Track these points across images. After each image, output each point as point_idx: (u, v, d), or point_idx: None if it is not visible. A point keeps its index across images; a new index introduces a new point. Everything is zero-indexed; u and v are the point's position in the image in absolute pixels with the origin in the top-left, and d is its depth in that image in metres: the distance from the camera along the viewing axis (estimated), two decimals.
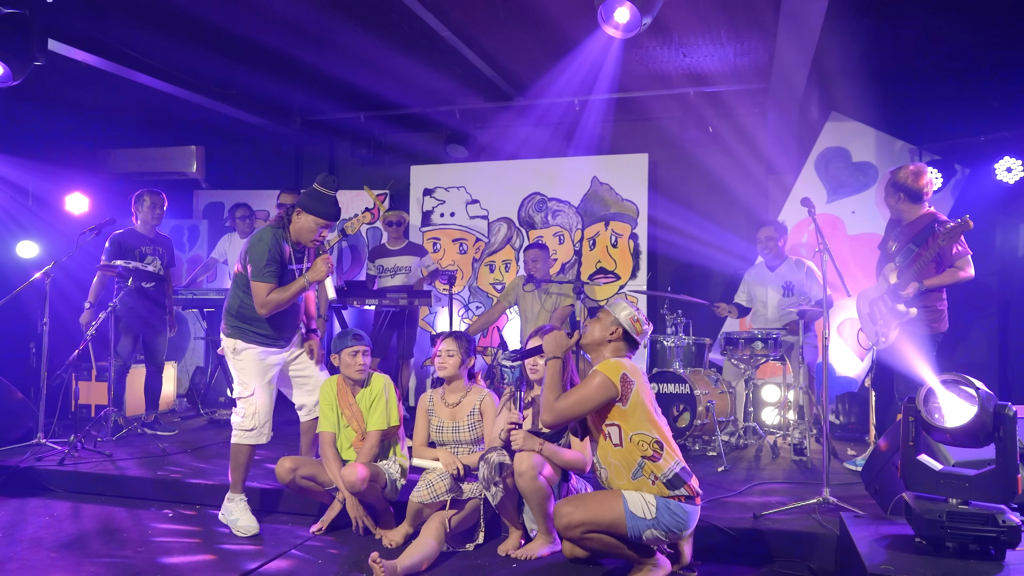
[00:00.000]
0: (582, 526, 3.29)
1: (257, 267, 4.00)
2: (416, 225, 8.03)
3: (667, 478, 3.28)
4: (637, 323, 3.46)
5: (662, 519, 3.25)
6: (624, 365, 3.34)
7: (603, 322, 3.49)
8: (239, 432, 4.12)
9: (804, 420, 5.52)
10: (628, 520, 3.25)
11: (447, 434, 4.12)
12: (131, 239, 6.03)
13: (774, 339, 5.61)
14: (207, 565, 3.62)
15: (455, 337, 4.20)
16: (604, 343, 3.46)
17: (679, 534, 3.31)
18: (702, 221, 7.32)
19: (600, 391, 3.30)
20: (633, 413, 3.30)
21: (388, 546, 3.91)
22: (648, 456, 3.29)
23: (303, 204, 4.10)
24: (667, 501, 3.26)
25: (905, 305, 4.65)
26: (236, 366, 4.17)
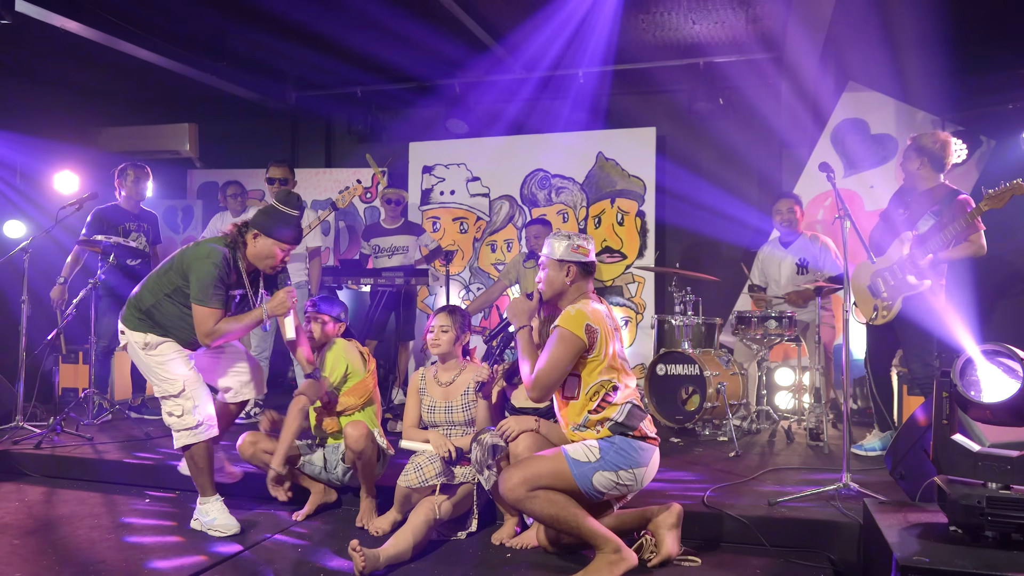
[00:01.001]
0: (524, 484, 3.01)
1: (201, 288, 3.53)
2: (415, 204, 7.75)
3: (609, 426, 3.09)
4: (579, 248, 3.27)
5: (608, 457, 3.04)
6: (586, 313, 3.13)
7: (551, 269, 3.30)
8: (185, 433, 3.60)
9: (820, 404, 5.22)
10: (572, 468, 3.03)
11: (439, 415, 3.84)
12: (114, 214, 5.78)
13: (788, 318, 5.31)
14: (180, 551, 3.37)
15: (449, 311, 3.92)
16: (566, 288, 3.28)
17: (632, 474, 3.06)
18: (712, 197, 6.99)
19: (570, 347, 3.09)
20: (597, 361, 3.13)
21: (374, 534, 3.65)
22: (593, 409, 3.12)
23: (260, 225, 3.64)
24: (610, 439, 3.06)
25: (917, 277, 4.37)
26: (152, 362, 3.65)
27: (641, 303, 7.12)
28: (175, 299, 3.63)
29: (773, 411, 5.61)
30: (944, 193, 4.47)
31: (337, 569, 3.17)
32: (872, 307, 4.56)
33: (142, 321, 3.65)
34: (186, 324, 3.63)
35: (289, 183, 5.90)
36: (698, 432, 5.37)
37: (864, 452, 4.69)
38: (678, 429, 5.36)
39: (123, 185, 5.83)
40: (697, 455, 4.85)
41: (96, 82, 7.74)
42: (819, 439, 5.07)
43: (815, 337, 5.27)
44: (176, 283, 3.62)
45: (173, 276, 3.63)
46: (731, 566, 3.25)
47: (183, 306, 3.62)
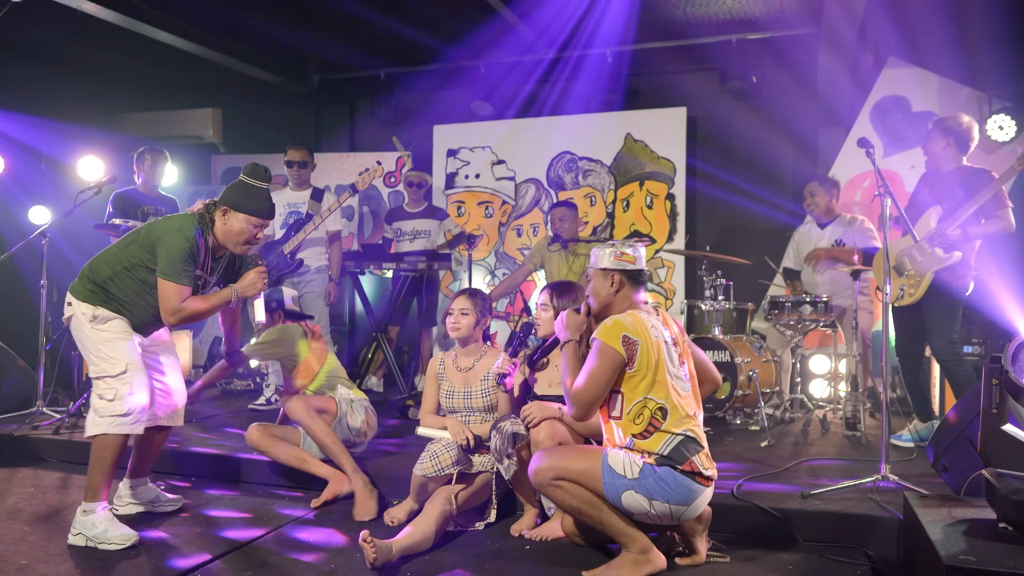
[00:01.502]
0: (551, 470, 2.87)
1: (171, 263, 3.26)
2: (440, 188, 7.62)
3: (659, 455, 2.81)
4: (624, 255, 3.03)
5: (646, 482, 2.79)
6: (624, 323, 2.89)
7: (596, 280, 3.08)
8: (109, 419, 3.24)
9: (857, 392, 5.00)
10: (604, 475, 2.83)
11: (458, 400, 3.71)
12: (133, 198, 5.72)
13: (824, 303, 5.09)
14: (190, 539, 3.28)
15: (469, 294, 3.78)
16: (612, 299, 3.05)
17: (668, 509, 2.80)
18: (745, 179, 6.77)
19: (607, 361, 2.86)
20: (640, 376, 2.87)
21: (389, 523, 3.53)
22: (638, 433, 2.85)
23: (230, 201, 3.39)
24: (656, 468, 2.80)
25: (946, 250, 4.22)
26: (97, 337, 3.32)
27: (671, 288, 6.92)
28: (134, 274, 3.34)
29: (807, 400, 5.40)
30: (969, 171, 4.39)
31: (349, 560, 3.06)
32: (897, 287, 4.37)
33: (94, 293, 3.35)
34: (142, 302, 3.37)
35: (308, 166, 5.80)
36: (728, 421, 5.19)
37: (903, 443, 4.48)
38: (708, 418, 5.17)
39: (141, 169, 5.76)
40: (727, 445, 4.67)
41: (120, 67, 7.70)
42: (856, 429, 4.86)
43: (852, 323, 5.04)
44: (139, 256, 3.32)
45: (136, 249, 3.34)
46: (762, 562, 3.08)
47: (141, 282, 3.35)
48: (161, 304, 3.30)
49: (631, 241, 3.10)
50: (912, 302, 4.37)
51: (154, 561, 3.03)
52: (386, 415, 5.57)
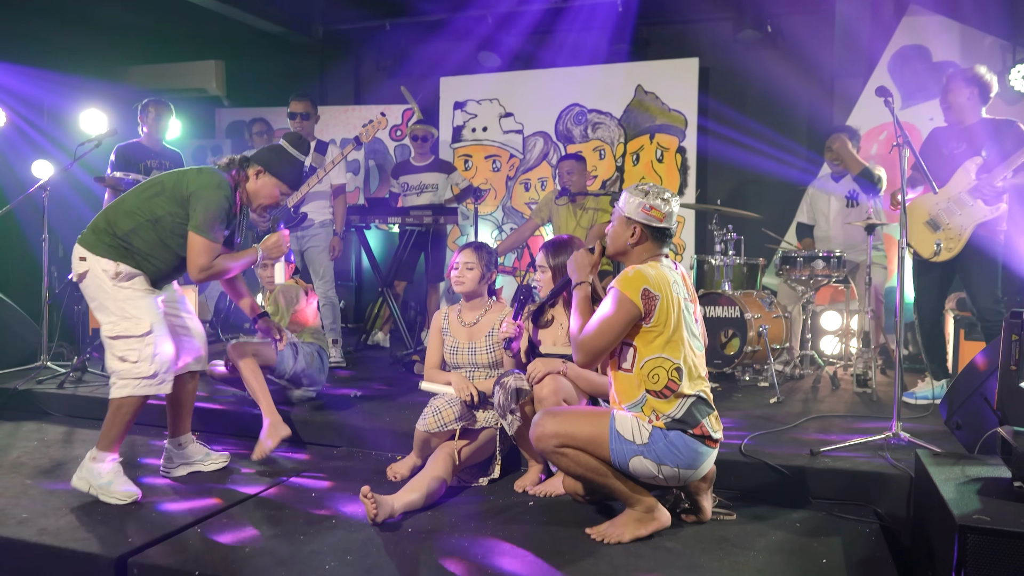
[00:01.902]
0: (556, 438, 2.77)
1: (207, 219, 3.20)
2: (446, 141, 7.49)
3: (671, 418, 2.74)
4: (654, 210, 2.82)
5: (655, 447, 2.71)
6: (646, 276, 2.75)
7: (618, 224, 2.91)
8: (133, 381, 3.15)
9: (869, 349, 4.91)
10: (612, 440, 2.74)
11: (462, 356, 3.65)
12: (136, 152, 5.63)
13: (837, 258, 4.99)
14: (193, 493, 3.26)
15: (474, 248, 3.70)
16: (629, 249, 2.90)
17: (677, 472, 2.74)
18: (758, 132, 6.61)
19: (622, 312, 2.73)
20: (656, 332, 2.75)
21: (392, 479, 3.50)
22: (655, 391, 2.75)
23: (267, 163, 3.39)
24: (666, 432, 2.73)
25: (988, 202, 4.10)
26: (120, 295, 3.19)
27: (680, 243, 6.81)
28: (159, 227, 3.23)
29: (818, 356, 5.32)
30: (998, 123, 4.26)
31: (351, 515, 3.03)
32: (934, 242, 4.22)
33: (114, 248, 3.21)
34: (164, 255, 3.27)
35: (311, 118, 5.68)
36: (737, 377, 5.12)
37: (915, 400, 4.40)
38: (716, 374, 5.11)
39: (145, 122, 5.66)
40: (736, 401, 4.61)
41: (123, 19, 7.55)
42: (867, 386, 4.79)
43: (865, 278, 4.94)
44: (168, 209, 3.22)
45: (164, 202, 3.23)
46: (769, 519, 3.03)
47: (168, 234, 3.24)
48: (190, 259, 3.23)
49: (667, 192, 2.88)
50: (949, 258, 4.23)
51: (153, 515, 3.01)
52: (392, 370, 5.54)
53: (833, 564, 2.61)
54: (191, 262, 3.23)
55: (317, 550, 2.69)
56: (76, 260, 3.27)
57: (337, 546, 2.72)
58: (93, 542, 2.73)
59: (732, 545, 2.77)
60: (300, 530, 2.88)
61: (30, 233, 5.89)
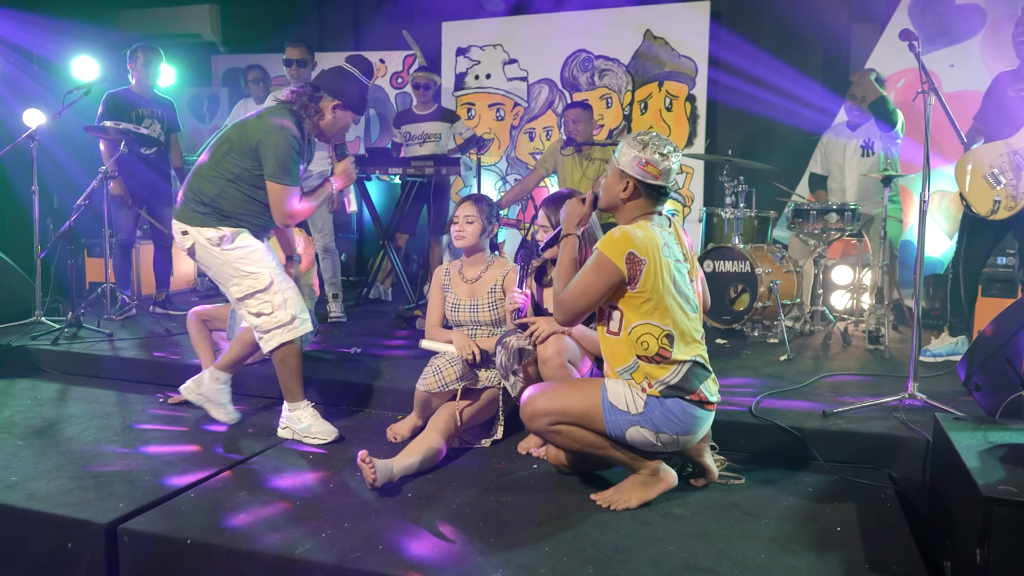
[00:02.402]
0: (548, 415, 2.65)
1: (281, 164, 3.19)
2: (449, 89, 7.27)
3: (666, 384, 2.61)
4: (650, 165, 2.62)
5: (652, 415, 2.60)
6: (633, 238, 2.57)
7: (612, 175, 2.71)
8: (279, 331, 3.25)
9: (883, 305, 4.77)
10: (606, 412, 2.62)
11: (463, 313, 3.53)
12: (126, 99, 5.45)
13: (851, 211, 4.82)
14: (187, 457, 3.17)
15: (474, 200, 3.55)
16: (620, 204, 2.72)
17: (675, 439, 2.64)
18: (771, 80, 6.36)
19: (604, 276, 2.58)
20: (642, 298, 2.60)
21: (392, 439, 3.41)
22: (647, 357, 2.62)
23: (343, 96, 3.32)
24: (662, 399, 2.61)
25: None
26: (231, 257, 3.26)
27: (689, 195, 6.64)
28: (240, 184, 3.24)
29: (829, 312, 5.19)
30: None
31: (349, 479, 2.94)
32: (992, 199, 3.97)
33: (208, 215, 3.25)
34: (256, 210, 3.30)
35: (308, 64, 5.48)
36: (747, 334, 5.01)
37: (932, 357, 4.27)
38: (725, 330, 4.99)
39: (134, 68, 5.47)
40: (745, 358, 4.50)
41: None
42: (879, 342, 4.67)
43: (880, 232, 4.77)
44: (241, 165, 3.22)
45: (235, 158, 3.22)
46: (780, 483, 2.94)
47: (252, 189, 3.26)
48: (275, 208, 3.24)
49: (668, 146, 2.67)
50: (1008, 216, 3.96)
51: (146, 481, 2.92)
52: (393, 325, 5.43)
53: (848, 532, 2.52)
54: (275, 210, 3.24)
55: (313, 516, 2.60)
56: (179, 235, 3.32)
57: (334, 511, 2.64)
58: (83, 508, 2.64)
59: (742, 511, 2.68)
60: (296, 496, 2.79)
61: (19, 185, 5.73)
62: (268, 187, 3.22)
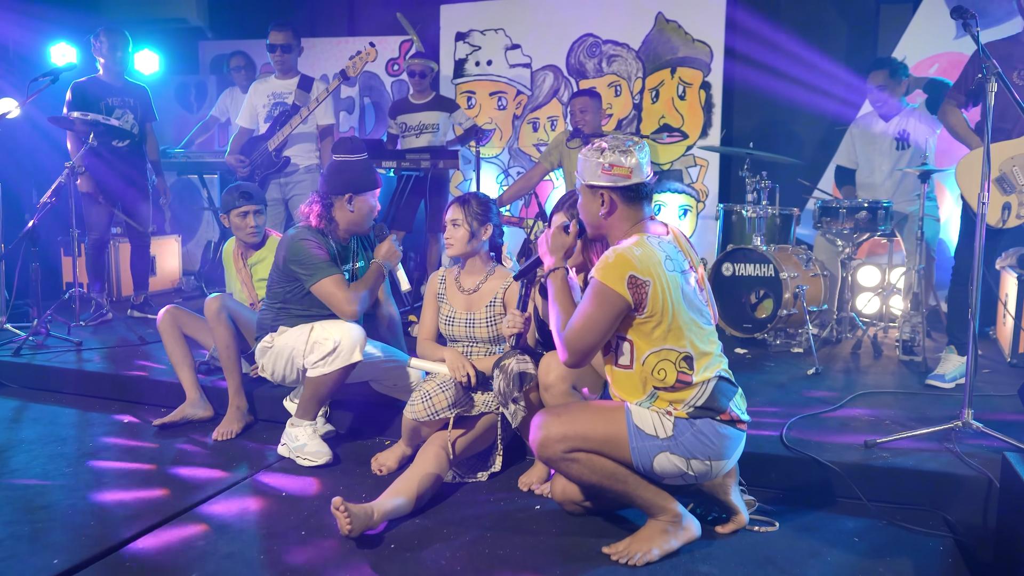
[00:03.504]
0: (564, 441, 2.29)
1: (310, 265, 3.16)
2: (447, 76, 6.85)
3: (692, 406, 2.29)
4: (615, 168, 2.32)
5: (682, 439, 2.27)
6: (630, 260, 2.25)
7: (585, 196, 2.43)
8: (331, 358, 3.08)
9: (919, 311, 4.36)
10: (632, 437, 2.28)
11: (459, 328, 3.14)
12: (94, 88, 5.04)
13: (885, 209, 4.42)
14: (145, 495, 2.79)
15: (460, 202, 3.13)
16: (602, 222, 2.41)
17: (708, 465, 2.30)
18: (792, 66, 5.91)
19: (607, 306, 2.26)
20: (653, 322, 2.27)
21: (377, 472, 3.03)
22: (665, 386, 2.29)
23: (348, 186, 3.22)
24: (692, 420, 2.28)
25: None
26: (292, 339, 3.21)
27: (703, 189, 6.22)
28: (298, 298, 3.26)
29: (857, 317, 4.78)
30: None
31: (325, 525, 2.56)
32: (1001, 206, 3.59)
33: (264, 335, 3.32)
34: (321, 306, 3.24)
35: (293, 50, 5.07)
36: (769, 343, 4.60)
37: (941, 383, 3.72)
38: (745, 339, 4.59)
39: (100, 53, 5.05)
40: (768, 372, 4.10)
41: None
42: (914, 353, 4.28)
43: (916, 231, 4.36)
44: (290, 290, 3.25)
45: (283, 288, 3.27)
46: (820, 531, 2.54)
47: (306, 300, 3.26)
48: (334, 305, 3.17)
49: (625, 140, 2.38)
50: (1019, 224, 3.57)
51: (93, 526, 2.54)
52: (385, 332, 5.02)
53: None
54: (336, 307, 3.17)
55: (280, 573, 2.22)
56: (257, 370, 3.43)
57: (302, 570, 2.26)
58: (9, 564, 2.27)
59: (780, 569, 2.29)
60: (261, 545, 2.41)
61: None
62: (316, 292, 3.19)
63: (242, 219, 3.72)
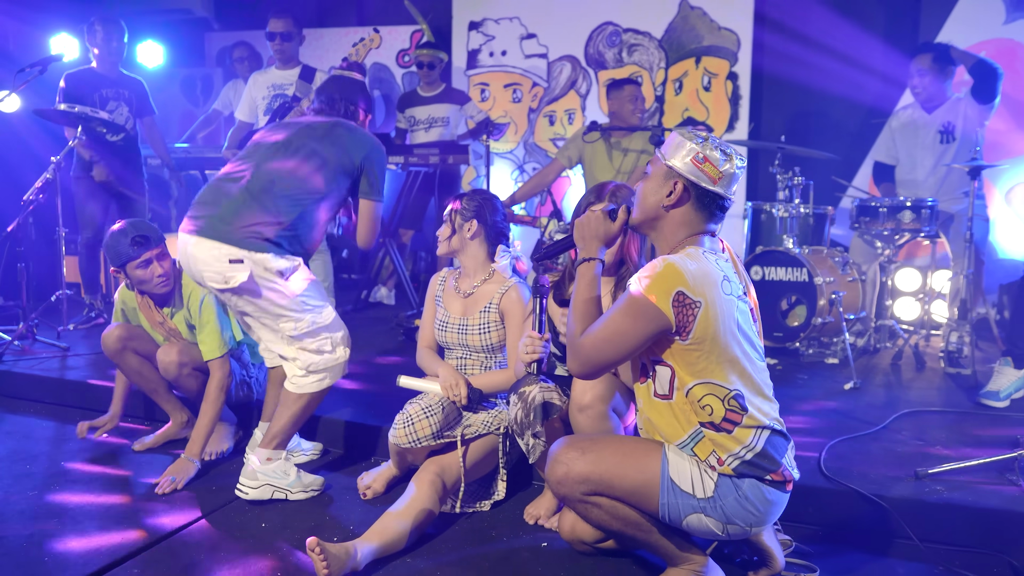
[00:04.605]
0: (586, 484, 1.97)
1: (381, 184, 2.88)
2: (460, 68, 6.55)
3: (741, 459, 1.93)
4: (708, 163, 1.94)
5: (723, 503, 1.94)
6: (683, 273, 1.89)
7: (654, 178, 2.02)
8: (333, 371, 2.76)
9: (967, 320, 4.00)
10: (664, 492, 1.95)
11: (452, 334, 2.81)
12: (88, 80, 4.79)
13: (930, 208, 4.06)
14: (110, 524, 2.52)
15: (456, 197, 2.83)
16: (661, 215, 2.02)
17: (746, 531, 1.99)
18: (825, 55, 5.54)
19: (641, 322, 1.90)
20: (697, 352, 1.92)
21: (363, 495, 2.75)
22: (712, 424, 1.94)
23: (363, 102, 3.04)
24: (737, 481, 1.94)
25: None
26: (297, 288, 2.67)
27: None
28: (325, 206, 2.78)
29: (897, 325, 4.42)
30: None
31: (303, 565, 2.27)
32: None
33: (281, 241, 2.65)
34: (319, 236, 2.83)
35: (294, 38, 4.82)
36: (801, 352, 4.25)
37: (995, 401, 3.37)
38: (776, 348, 4.24)
39: (94, 43, 4.80)
40: (801, 386, 3.77)
41: None
42: (961, 365, 3.92)
43: (964, 233, 3.98)
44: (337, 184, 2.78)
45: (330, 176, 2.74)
46: None
47: (332, 210, 2.84)
48: (370, 231, 2.90)
49: (731, 148, 2.00)
50: None
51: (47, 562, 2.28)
52: (390, 337, 4.74)
53: None
54: (369, 233, 2.90)
55: None
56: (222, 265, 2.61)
57: None
58: None
59: None
60: None
61: None
62: (364, 207, 2.87)
63: (145, 269, 2.96)
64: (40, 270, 5.55)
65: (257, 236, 2.61)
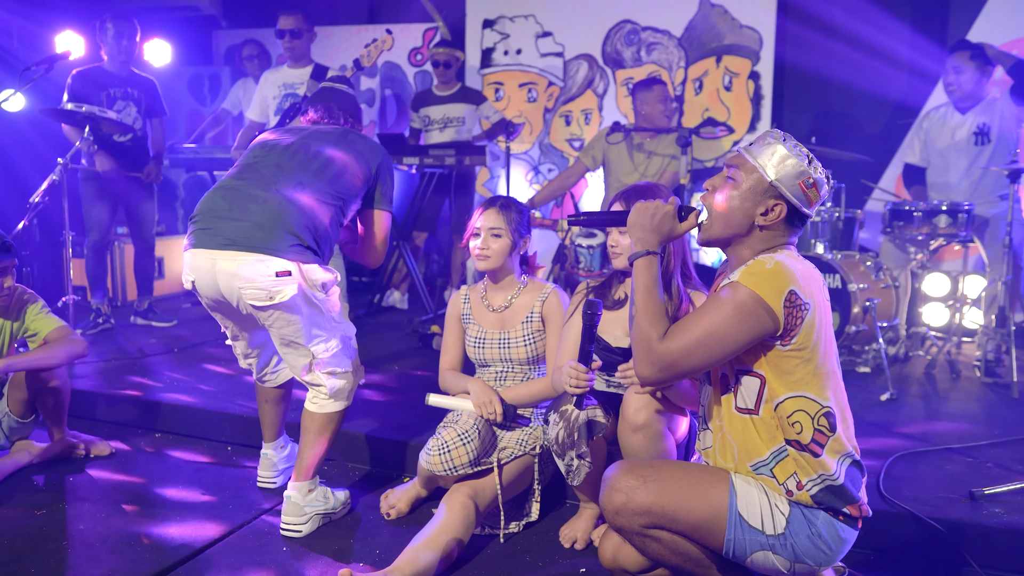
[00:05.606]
0: (648, 515, 1.82)
1: (392, 191, 2.74)
2: (474, 67, 6.42)
3: (820, 487, 1.79)
4: (814, 188, 1.80)
5: (795, 541, 1.79)
6: (793, 272, 1.76)
7: (745, 186, 1.84)
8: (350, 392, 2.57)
9: (1006, 328, 3.86)
10: (731, 527, 1.80)
11: (491, 350, 2.68)
12: (97, 78, 4.67)
13: (966, 212, 3.93)
14: (101, 546, 2.40)
15: (501, 207, 2.67)
16: (748, 230, 1.86)
17: (812, 568, 1.84)
18: (851, 53, 5.41)
19: (747, 323, 1.75)
20: (797, 359, 1.77)
21: (386, 515, 2.61)
22: (799, 443, 1.79)
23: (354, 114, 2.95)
24: (813, 513, 1.80)
25: None
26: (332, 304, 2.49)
27: None
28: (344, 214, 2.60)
29: (929, 332, 4.29)
30: None
31: None
32: None
33: (319, 250, 2.47)
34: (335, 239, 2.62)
35: (304, 35, 4.67)
36: None
37: None
38: None
39: (104, 42, 4.69)
40: None
41: None
42: (997, 374, 3.79)
43: (1003, 238, 3.85)
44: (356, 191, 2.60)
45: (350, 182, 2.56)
46: None
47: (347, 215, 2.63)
48: (378, 243, 2.73)
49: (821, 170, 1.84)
50: None
51: None
52: (405, 343, 4.61)
53: None
54: (378, 247, 2.73)
55: None
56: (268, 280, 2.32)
57: None
58: None
59: None
60: None
61: None
62: (376, 218, 2.70)
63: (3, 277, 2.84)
64: (45, 274, 5.45)
65: (300, 244, 2.39)
